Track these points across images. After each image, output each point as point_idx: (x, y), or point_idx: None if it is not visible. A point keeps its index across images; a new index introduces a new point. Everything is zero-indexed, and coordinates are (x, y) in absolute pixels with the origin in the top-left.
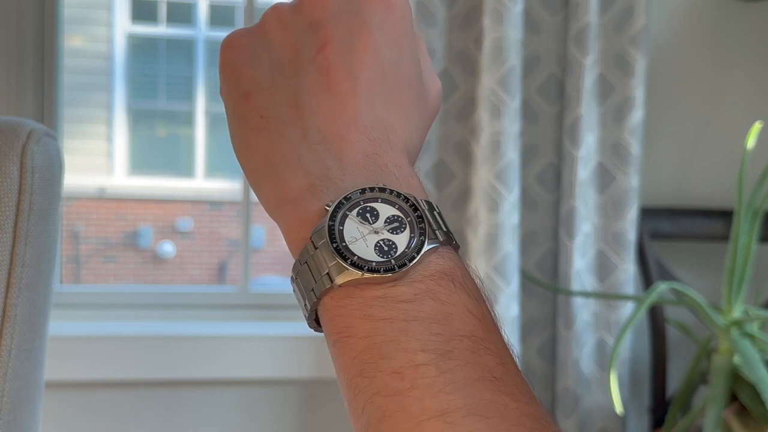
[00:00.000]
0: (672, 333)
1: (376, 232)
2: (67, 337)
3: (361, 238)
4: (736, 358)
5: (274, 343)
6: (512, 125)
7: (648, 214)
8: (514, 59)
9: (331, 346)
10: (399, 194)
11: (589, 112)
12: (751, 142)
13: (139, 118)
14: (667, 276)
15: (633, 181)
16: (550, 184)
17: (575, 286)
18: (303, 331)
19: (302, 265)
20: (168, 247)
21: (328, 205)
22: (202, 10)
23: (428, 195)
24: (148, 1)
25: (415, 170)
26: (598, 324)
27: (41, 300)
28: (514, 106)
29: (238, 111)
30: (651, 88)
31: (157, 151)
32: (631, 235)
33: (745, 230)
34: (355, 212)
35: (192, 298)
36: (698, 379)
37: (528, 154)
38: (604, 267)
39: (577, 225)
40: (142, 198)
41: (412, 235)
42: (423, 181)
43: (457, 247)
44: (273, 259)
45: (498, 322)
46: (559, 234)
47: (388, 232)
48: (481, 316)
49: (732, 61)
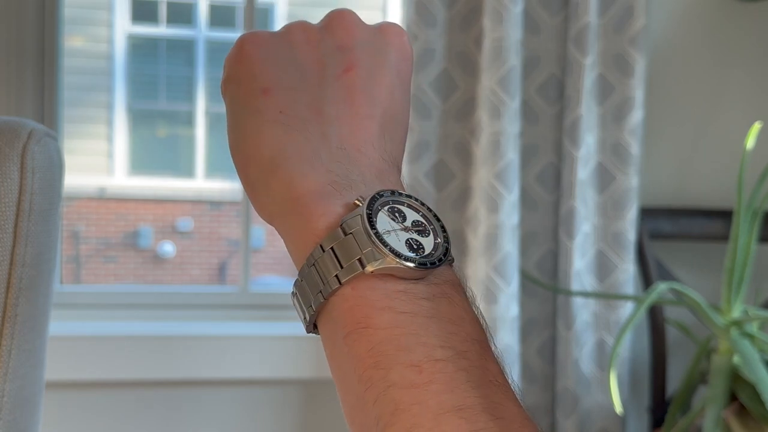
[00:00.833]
0: (672, 333)
1: (406, 230)
2: (67, 337)
3: (393, 232)
4: (736, 358)
5: (274, 343)
6: (512, 125)
7: (648, 214)
8: (514, 59)
9: (342, 340)
10: (423, 203)
11: (588, 113)
12: (751, 142)
13: (139, 119)
14: (667, 276)
15: (633, 181)
16: (550, 184)
17: (575, 286)
18: (303, 331)
19: (322, 254)
20: (168, 247)
21: (359, 199)
22: (202, 11)
23: None
24: (148, 2)
25: None
26: (598, 324)
27: (41, 300)
28: (514, 106)
29: (252, 103)
30: (651, 89)
31: (158, 151)
32: (631, 235)
33: (744, 230)
34: (386, 209)
35: (192, 298)
36: (698, 379)
37: (528, 154)
38: (603, 267)
39: (577, 225)
40: (142, 198)
41: (437, 242)
42: (423, 181)
43: (452, 261)
44: (273, 259)
45: (492, 337)
46: (559, 234)
47: (416, 233)
48: (484, 327)
49: (732, 61)
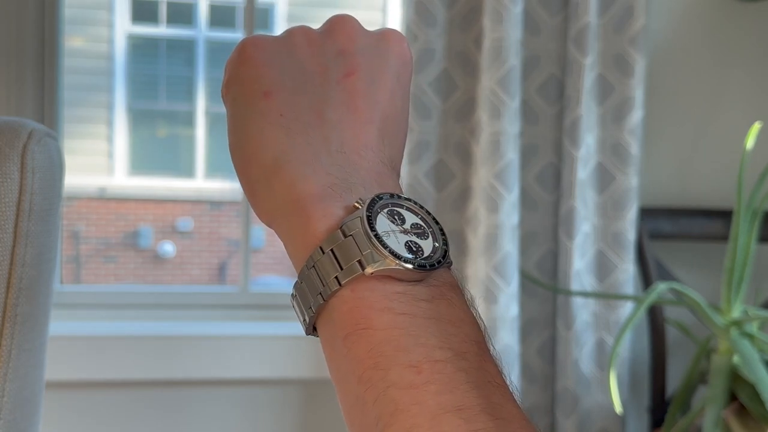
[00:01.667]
0: (671, 333)
1: (406, 232)
2: (67, 337)
3: (392, 234)
4: (736, 358)
5: (274, 343)
6: (512, 125)
7: (647, 214)
8: (514, 59)
9: (341, 342)
10: (422, 206)
11: (588, 113)
12: (751, 142)
13: (139, 118)
14: (667, 276)
15: (632, 181)
16: (550, 184)
17: (575, 286)
18: (303, 331)
19: (324, 253)
20: (168, 247)
21: (359, 201)
22: (203, 11)
23: None
24: (148, 2)
25: None
26: (598, 324)
27: (41, 300)
28: (513, 106)
29: (254, 105)
30: (651, 88)
31: (158, 151)
32: (631, 235)
33: (744, 230)
34: (386, 211)
35: (192, 298)
36: (698, 379)
37: (528, 155)
38: (603, 267)
39: (577, 225)
40: (142, 198)
41: (436, 244)
42: (423, 181)
43: (450, 264)
44: (273, 259)
45: (490, 340)
46: (559, 234)
47: (415, 236)
48: (482, 329)
49: (732, 61)
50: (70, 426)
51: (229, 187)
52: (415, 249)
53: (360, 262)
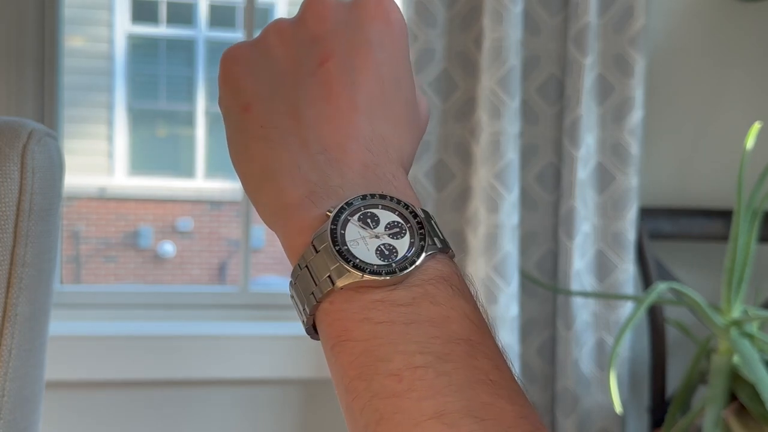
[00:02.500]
0: (671, 333)
1: (377, 236)
2: (67, 337)
3: (362, 242)
4: (736, 358)
5: (274, 343)
6: (512, 125)
7: (647, 214)
8: (514, 59)
9: (329, 351)
10: (399, 201)
11: (588, 113)
12: (751, 142)
13: (139, 118)
14: (667, 276)
15: (632, 181)
16: (550, 184)
17: (575, 286)
18: (303, 331)
19: (302, 269)
20: (168, 247)
21: (330, 210)
22: (203, 11)
23: (420, 205)
24: (148, 2)
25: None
26: (598, 324)
27: (42, 300)
28: (513, 106)
29: (238, 122)
30: (651, 88)
31: (158, 151)
32: (631, 235)
33: (744, 230)
34: (356, 217)
35: (192, 298)
36: (697, 379)
37: (528, 154)
38: (603, 267)
39: (577, 225)
40: (142, 198)
41: (412, 241)
42: (423, 181)
43: (452, 256)
44: (273, 259)
45: (493, 328)
46: (559, 234)
47: (389, 237)
48: (477, 321)
49: (732, 61)
50: (70, 426)
51: (229, 187)
52: (388, 252)
53: (330, 277)
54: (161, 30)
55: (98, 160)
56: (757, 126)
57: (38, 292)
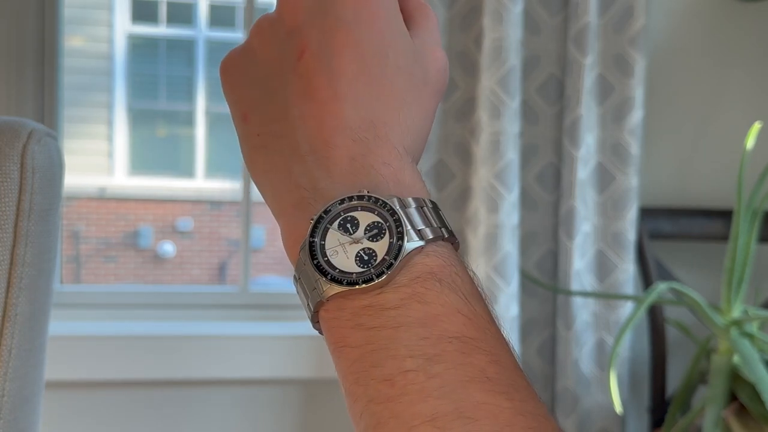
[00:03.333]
0: (671, 333)
1: (357, 241)
2: (67, 337)
3: (342, 250)
4: (736, 358)
5: (274, 343)
6: (512, 125)
7: (648, 214)
8: (514, 59)
9: (331, 355)
10: (377, 200)
11: (588, 113)
12: (751, 142)
13: (139, 118)
14: (667, 276)
15: (632, 181)
16: (550, 184)
17: (575, 286)
18: (303, 331)
19: (297, 280)
20: (168, 247)
21: (312, 219)
22: (202, 10)
23: (421, 188)
24: (148, 2)
25: (408, 161)
26: (598, 324)
27: (42, 300)
28: (513, 106)
29: (241, 131)
30: (651, 88)
31: (157, 151)
32: (631, 235)
33: (744, 230)
34: (336, 224)
35: (192, 298)
36: (698, 378)
37: (528, 154)
38: (603, 267)
39: (577, 225)
40: (142, 198)
41: (391, 241)
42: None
43: (452, 241)
44: (273, 259)
45: (493, 317)
46: (559, 234)
47: (368, 240)
48: (471, 315)
49: (732, 61)
50: (70, 426)
51: (229, 187)
52: (367, 257)
53: (316, 289)
54: (161, 30)
55: (98, 160)
56: (757, 126)
57: (38, 292)
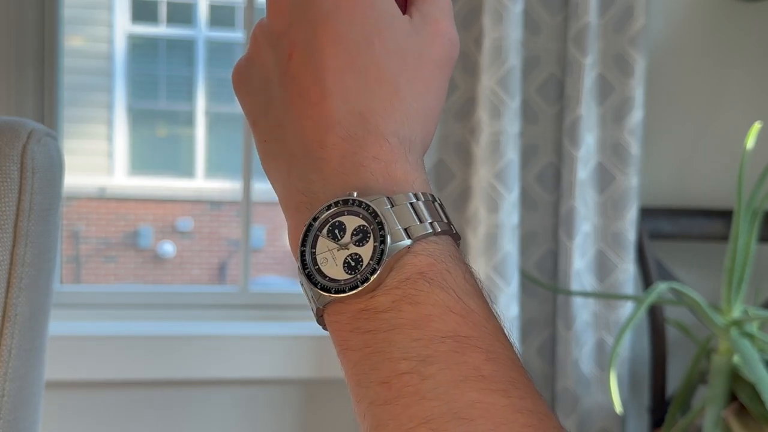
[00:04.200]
0: (672, 333)
1: (344, 247)
2: (67, 337)
3: (331, 257)
4: (736, 358)
5: (274, 343)
6: (512, 125)
7: (648, 214)
8: (514, 59)
9: (338, 355)
10: (361, 203)
11: (588, 112)
12: (751, 142)
13: (139, 118)
14: (667, 276)
15: (633, 181)
16: (550, 184)
17: (575, 286)
18: (303, 331)
19: (301, 285)
20: (168, 247)
21: (305, 226)
22: (202, 10)
23: (415, 181)
24: (148, 1)
25: (406, 147)
26: (598, 324)
27: (41, 300)
28: (513, 106)
29: (254, 138)
30: (651, 88)
31: (157, 151)
32: (631, 235)
33: (744, 230)
34: (325, 231)
35: (192, 298)
36: (698, 378)
37: (528, 154)
38: (603, 267)
39: (577, 225)
40: (142, 198)
41: (375, 245)
42: None
43: (448, 234)
44: (273, 259)
45: (490, 312)
46: (559, 234)
47: (354, 245)
48: (464, 312)
49: (732, 61)
50: (70, 426)
51: (229, 187)
52: (354, 263)
53: (313, 296)
54: (161, 30)
55: (98, 160)
56: (757, 126)
57: (38, 292)
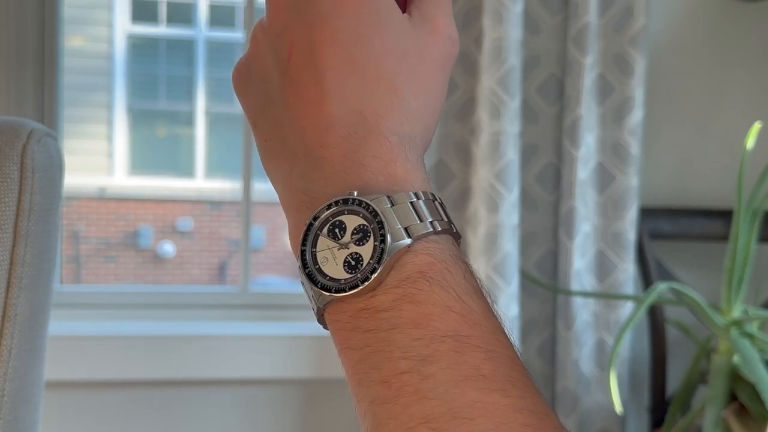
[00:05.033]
0: (672, 333)
1: (344, 246)
2: (67, 337)
3: (331, 257)
4: (736, 358)
5: (274, 343)
6: (512, 125)
7: (648, 214)
8: (514, 59)
9: (338, 355)
10: (361, 202)
11: (588, 112)
12: (751, 142)
13: (139, 118)
14: (667, 276)
15: (633, 181)
16: (550, 184)
17: (575, 286)
18: (303, 331)
19: (302, 284)
20: (168, 247)
21: (305, 226)
22: (202, 10)
23: (416, 179)
24: (148, 1)
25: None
26: (598, 324)
27: (41, 300)
28: (513, 106)
29: (254, 138)
30: (651, 88)
31: (157, 151)
32: (631, 235)
33: (744, 230)
34: (325, 230)
35: (192, 298)
36: (698, 378)
37: (528, 154)
38: (603, 267)
39: (577, 225)
40: (142, 198)
41: (375, 244)
42: None
43: (448, 232)
44: (273, 259)
45: (490, 311)
46: (559, 234)
47: (355, 244)
48: (464, 311)
49: (732, 61)
50: (70, 426)
51: (229, 187)
52: (354, 263)
53: (313, 296)
54: (161, 30)
55: (98, 160)
56: (757, 126)
57: (38, 292)
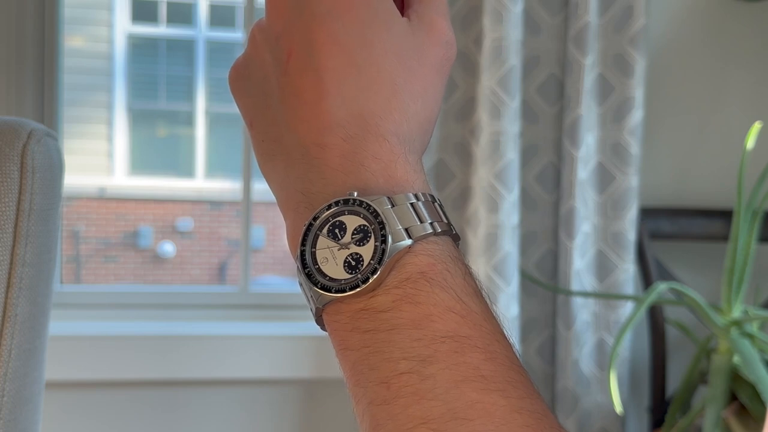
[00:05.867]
0: (671, 333)
1: (345, 247)
2: (67, 337)
3: (331, 256)
4: (736, 358)
5: (274, 343)
6: (512, 125)
7: (648, 214)
8: (514, 59)
9: (337, 356)
10: (361, 203)
11: (588, 112)
12: (751, 142)
13: (139, 118)
14: (667, 276)
15: (632, 181)
16: (550, 184)
17: (575, 286)
18: (303, 331)
19: (300, 285)
20: (168, 247)
21: (304, 226)
22: (202, 10)
23: (415, 181)
24: (148, 2)
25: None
26: (598, 324)
27: (41, 300)
28: (513, 106)
29: (251, 139)
30: (651, 88)
31: (157, 151)
32: (631, 235)
33: (744, 230)
34: (325, 230)
35: (192, 298)
36: (698, 378)
37: (528, 154)
38: (603, 267)
39: (577, 225)
40: (142, 198)
41: (376, 245)
42: None
43: (448, 234)
44: (273, 259)
45: (490, 312)
46: (559, 234)
47: (355, 244)
48: (464, 312)
49: (732, 61)
50: (70, 426)
51: (229, 187)
52: (354, 263)
53: (312, 296)
54: (161, 30)
55: (98, 160)
56: (757, 126)
57: (38, 291)
